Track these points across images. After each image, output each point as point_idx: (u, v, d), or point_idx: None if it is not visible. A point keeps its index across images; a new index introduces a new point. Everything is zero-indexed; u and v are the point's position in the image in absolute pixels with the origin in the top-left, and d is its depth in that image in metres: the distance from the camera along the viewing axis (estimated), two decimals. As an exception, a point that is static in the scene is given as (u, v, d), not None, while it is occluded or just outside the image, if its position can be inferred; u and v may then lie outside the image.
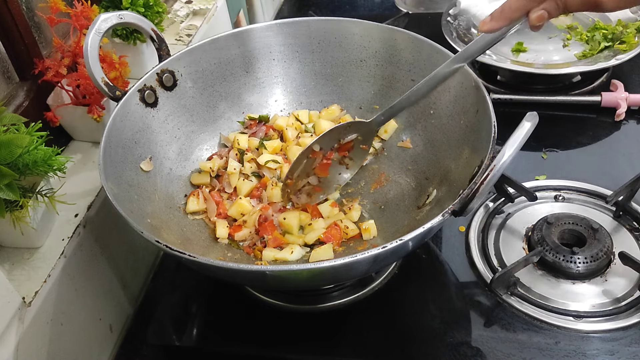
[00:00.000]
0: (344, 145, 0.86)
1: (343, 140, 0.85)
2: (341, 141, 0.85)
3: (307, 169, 0.85)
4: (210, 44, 0.90)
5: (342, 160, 0.87)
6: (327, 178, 0.86)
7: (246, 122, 0.96)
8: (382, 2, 1.55)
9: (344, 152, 0.86)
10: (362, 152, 0.86)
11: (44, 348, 0.71)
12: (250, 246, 0.81)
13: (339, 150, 0.86)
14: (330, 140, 0.84)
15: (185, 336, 0.81)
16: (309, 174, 0.85)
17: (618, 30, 1.16)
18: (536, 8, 0.64)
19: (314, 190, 0.86)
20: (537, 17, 0.64)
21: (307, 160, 0.84)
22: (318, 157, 0.84)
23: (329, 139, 0.84)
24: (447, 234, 0.89)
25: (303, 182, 0.85)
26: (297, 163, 0.83)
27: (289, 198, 0.84)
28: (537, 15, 0.64)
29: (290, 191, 0.84)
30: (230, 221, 0.85)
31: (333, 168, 0.86)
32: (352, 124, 0.85)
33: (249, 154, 0.91)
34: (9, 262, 0.74)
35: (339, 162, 0.87)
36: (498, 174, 0.60)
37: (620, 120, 1.07)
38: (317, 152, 0.84)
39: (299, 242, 0.81)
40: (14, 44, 0.84)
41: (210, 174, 0.89)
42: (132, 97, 0.81)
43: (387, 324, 0.78)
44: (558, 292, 0.79)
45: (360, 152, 0.86)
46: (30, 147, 0.68)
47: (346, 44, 0.93)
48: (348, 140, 0.85)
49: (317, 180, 0.86)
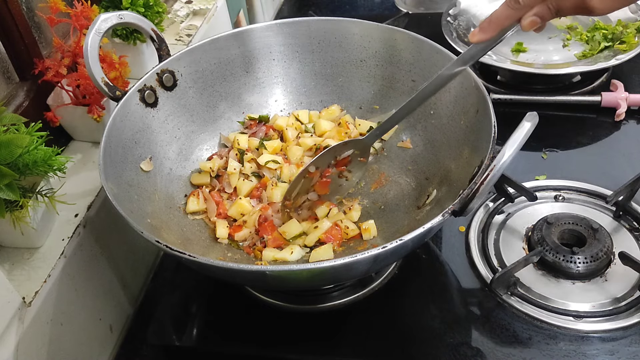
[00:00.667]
0: (341, 161, 0.85)
1: (339, 157, 0.85)
2: (337, 158, 0.85)
3: (305, 187, 0.84)
4: (210, 44, 0.90)
5: (341, 174, 0.87)
6: (327, 193, 0.86)
7: (246, 122, 0.96)
8: (382, 2, 1.55)
9: (342, 167, 0.86)
10: (360, 164, 0.86)
11: (44, 348, 0.71)
12: (250, 246, 0.81)
13: (337, 166, 0.86)
14: (327, 159, 0.84)
15: (185, 336, 0.81)
16: (308, 190, 0.85)
17: (618, 30, 1.16)
18: (527, 14, 0.62)
19: (315, 204, 0.85)
20: (529, 23, 0.62)
21: (305, 180, 0.83)
22: (315, 176, 0.84)
23: (325, 158, 0.84)
24: (447, 234, 0.89)
25: (302, 199, 0.85)
26: (294, 184, 0.83)
27: (290, 216, 0.84)
28: (529, 22, 0.62)
29: (290, 210, 0.84)
30: (230, 221, 0.85)
31: (332, 182, 0.86)
32: (348, 142, 0.84)
33: (249, 154, 0.91)
34: (9, 262, 0.74)
35: (337, 176, 0.86)
36: (498, 174, 0.60)
37: (620, 120, 1.07)
38: (314, 172, 0.84)
39: (299, 242, 0.81)
40: (14, 44, 0.84)
41: (210, 174, 0.89)
42: (132, 97, 0.81)
43: (387, 324, 0.78)
44: (558, 292, 0.79)
45: (359, 165, 0.86)
46: (30, 147, 0.68)
47: (346, 44, 0.93)
48: (344, 156, 0.85)
49: (317, 196, 0.86)
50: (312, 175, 0.84)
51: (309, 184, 0.85)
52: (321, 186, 0.85)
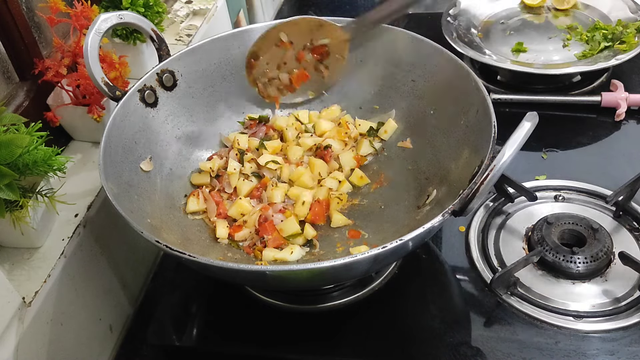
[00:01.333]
0: (317, 48, 0.82)
1: (315, 42, 0.81)
2: (313, 42, 0.81)
3: (276, 58, 0.80)
4: (210, 44, 0.90)
5: (317, 67, 0.83)
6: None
7: (246, 122, 0.96)
8: (382, 2, 1.55)
9: (318, 55, 0.82)
10: (338, 62, 0.82)
11: (44, 348, 0.71)
12: (250, 246, 0.81)
13: (312, 52, 0.82)
14: (300, 35, 0.79)
15: (185, 336, 0.81)
16: (279, 66, 0.81)
17: (618, 30, 1.16)
18: None
19: (285, 88, 0.82)
20: None
21: (276, 49, 0.79)
22: (288, 49, 0.80)
23: (297, 32, 0.79)
24: (447, 234, 0.89)
25: (272, 73, 0.81)
26: (261, 41, 0.78)
27: (255, 83, 0.80)
28: None
29: (256, 75, 0.80)
30: (230, 221, 0.85)
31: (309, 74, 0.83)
32: (323, 24, 0.80)
33: (249, 154, 0.91)
34: (9, 262, 0.74)
35: (314, 67, 0.83)
36: (498, 174, 0.61)
37: (620, 120, 1.07)
38: (285, 43, 0.80)
39: (299, 241, 0.81)
40: (14, 44, 0.84)
41: (210, 174, 0.89)
42: (132, 97, 0.81)
43: (387, 324, 0.78)
44: (558, 292, 0.79)
45: (336, 62, 0.82)
46: (30, 147, 0.68)
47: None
48: (321, 43, 0.81)
49: (289, 80, 0.82)
50: (284, 46, 0.80)
51: (281, 57, 0.81)
52: (298, 78, 0.81)
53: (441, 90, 0.85)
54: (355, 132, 0.93)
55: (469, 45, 1.18)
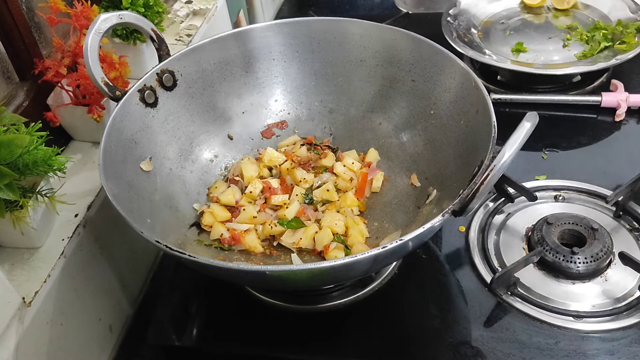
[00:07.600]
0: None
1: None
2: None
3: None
4: (210, 44, 0.90)
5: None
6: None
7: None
8: (382, 2, 1.55)
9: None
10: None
11: (43, 348, 0.71)
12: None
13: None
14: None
15: (185, 336, 0.80)
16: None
17: (618, 30, 1.16)
18: None
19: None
20: None
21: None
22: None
23: None
24: (447, 234, 0.89)
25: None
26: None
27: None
28: None
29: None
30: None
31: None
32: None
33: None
34: (9, 262, 0.74)
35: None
36: (498, 174, 0.60)
37: (620, 120, 1.07)
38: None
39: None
40: (14, 44, 0.84)
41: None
42: (132, 97, 0.81)
43: (387, 324, 0.78)
44: (558, 292, 0.79)
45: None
46: (30, 147, 0.68)
47: (346, 44, 0.93)
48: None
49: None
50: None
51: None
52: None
53: (441, 90, 0.85)
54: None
55: (469, 45, 1.18)
